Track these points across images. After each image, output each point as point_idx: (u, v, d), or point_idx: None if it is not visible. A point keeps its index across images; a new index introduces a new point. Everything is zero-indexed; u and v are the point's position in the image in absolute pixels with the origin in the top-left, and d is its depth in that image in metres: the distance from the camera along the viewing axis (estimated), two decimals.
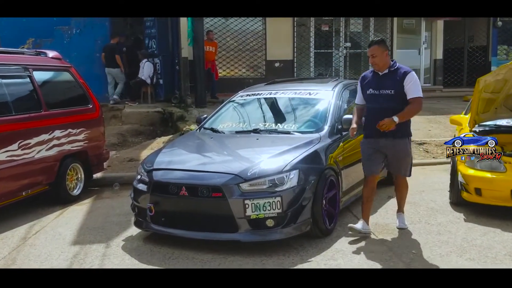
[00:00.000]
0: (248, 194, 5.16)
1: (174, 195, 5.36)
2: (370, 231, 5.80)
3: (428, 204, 7.00)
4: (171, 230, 5.48)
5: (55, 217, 6.89)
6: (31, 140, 6.87)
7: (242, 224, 5.17)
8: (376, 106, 5.63)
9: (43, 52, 8.00)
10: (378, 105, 5.61)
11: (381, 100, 5.60)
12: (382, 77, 5.64)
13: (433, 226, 6.10)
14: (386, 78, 5.62)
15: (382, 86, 5.62)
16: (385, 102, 5.57)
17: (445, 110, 14.29)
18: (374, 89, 5.67)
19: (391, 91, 5.56)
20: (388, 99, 5.57)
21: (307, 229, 5.40)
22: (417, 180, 8.41)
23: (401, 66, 5.68)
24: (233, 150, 6.10)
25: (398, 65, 5.65)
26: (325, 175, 5.64)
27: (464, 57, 18.44)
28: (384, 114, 5.45)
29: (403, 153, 5.74)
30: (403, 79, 5.52)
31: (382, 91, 5.60)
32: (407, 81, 5.51)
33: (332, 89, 6.82)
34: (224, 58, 15.88)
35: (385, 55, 5.57)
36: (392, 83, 5.57)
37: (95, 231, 6.23)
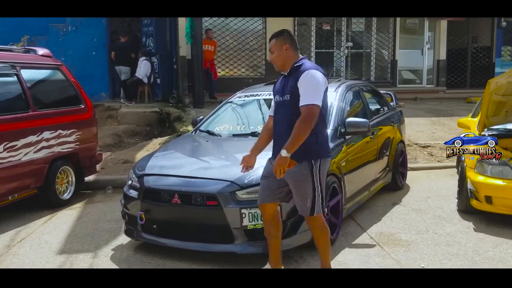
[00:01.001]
0: (245, 202, 4.81)
1: (166, 202, 5.01)
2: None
3: (435, 212, 6.66)
4: (163, 240, 5.13)
5: (43, 222, 6.55)
6: (18, 142, 6.53)
7: (238, 234, 4.82)
8: (276, 118, 4.43)
9: (33, 49, 7.67)
10: (277, 117, 4.40)
11: (282, 109, 4.35)
12: (285, 78, 4.40)
13: (441, 236, 5.76)
14: (288, 80, 4.34)
15: (283, 90, 4.34)
16: (282, 112, 4.34)
17: (449, 112, 14.01)
18: (279, 96, 4.40)
19: (287, 97, 4.29)
20: (285, 108, 4.30)
21: (308, 240, 5.05)
22: (422, 185, 8.12)
23: (306, 62, 4.33)
24: (230, 154, 5.74)
25: (302, 62, 4.32)
26: (327, 182, 5.28)
27: (468, 57, 18.11)
28: (281, 129, 4.32)
29: (299, 183, 4.27)
30: (298, 79, 4.22)
31: (284, 97, 4.33)
32: (301, 82, 4.18)
33: (335, 90, 6.47)
34: (223, 57, 15.54)
35: (285, 49, 4.31)
36: (290, 86, 4.29)
37: (84, 239, 5.89)
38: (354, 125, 5.95)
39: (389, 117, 7.73)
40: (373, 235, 5.80)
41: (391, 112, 7.95)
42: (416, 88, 17.02)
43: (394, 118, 7.91)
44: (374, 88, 8.17)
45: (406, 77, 17.53)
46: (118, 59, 14.21)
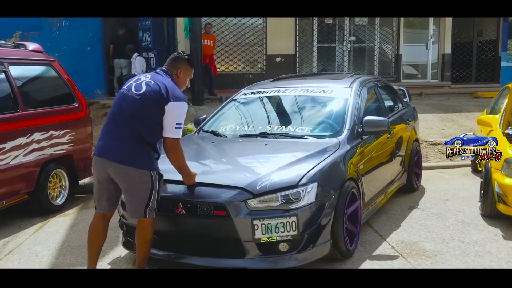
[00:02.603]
0: (257, 212, 4.29)
1: (169, 212, 4.49)
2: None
3: (456, 216, 6.18)
4: (164, 254, 4.61)
5: (34, 231, 6.06)
6: (6, 144, 6.00)
7: (250, 248, 4.30)
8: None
9: (23, 44, 7.13)
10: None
11: None
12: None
13: (469, 245, 5.27)
14: None
15: None
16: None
17: (457, 107, 13.57)
18: None
19: None
20: None
21: (326, 253, 4.56)
22: (437, 186, 7.65)
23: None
24: (238, 158, 5.22)
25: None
26: (346, 188, 4.80)
27: (473, 51, 17.63)
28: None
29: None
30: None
31: None
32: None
33: (349, 86, 5.97)
34: (223, 52, 15.01)
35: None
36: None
37: (78, 250, 5.39)
38: (372, 124, 5.46)
39: (404, 114, 7.25)
40: (394, 244, 5.31)
41: (405, 108, 7.47)
42: (421, 83, 16.57)
43: (408, 115, 7.43)
44: (388, 83, 7.68)
45: (410, 72, 17.09)
46: (118, 51, 13.88)
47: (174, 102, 4.19)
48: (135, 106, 4.23)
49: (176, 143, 4.29)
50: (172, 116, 4.20)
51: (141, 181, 4.21)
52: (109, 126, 4.35)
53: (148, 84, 4.26)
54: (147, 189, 4.22)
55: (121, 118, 4.27)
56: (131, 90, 4.30)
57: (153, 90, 4.21)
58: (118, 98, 4.39)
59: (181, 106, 4.24)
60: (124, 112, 4.26)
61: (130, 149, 4.18)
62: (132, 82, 4.39)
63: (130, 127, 4.21)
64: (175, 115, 4.21)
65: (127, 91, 4.32)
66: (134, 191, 4.25)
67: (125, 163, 4.17)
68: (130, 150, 4.18)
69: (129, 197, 4.30)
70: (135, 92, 4.26)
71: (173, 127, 4.22)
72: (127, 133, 4.21)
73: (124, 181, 4.25)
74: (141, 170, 4.19)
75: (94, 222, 4.47)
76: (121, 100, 4.33)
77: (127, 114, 4.24)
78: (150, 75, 4.39)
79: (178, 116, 4.23)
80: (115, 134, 4.27)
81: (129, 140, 4.19)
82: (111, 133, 4.31)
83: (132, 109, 4.23)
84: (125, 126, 4.23)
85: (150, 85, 4.25)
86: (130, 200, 4.31)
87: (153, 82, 4.28)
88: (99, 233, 4.45)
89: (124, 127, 4.23)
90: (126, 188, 4.28)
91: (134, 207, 4.29)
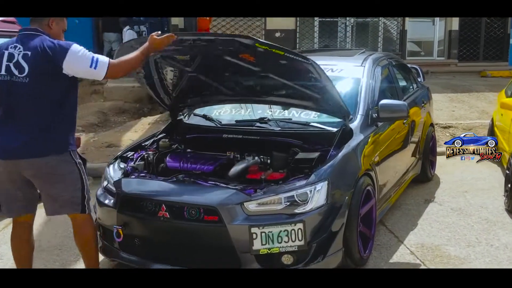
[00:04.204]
0: (256, 218, 3.58)
1: (150, 215, 3.77)
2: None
3: (479, 213, 5.49)
4: (146, 263, 3.88)
5: (0, 229, 5.35)
6: None
7: (247, 261, 3.60)
8: None
9: None
10: None
11: None
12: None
13: (498, 249, 4.59)
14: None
15: None
16: None
17: (466, 87, 12.85)
18: None
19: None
20: None
21: (337, 264, 3.86)
22: (453, 175, 6.94)
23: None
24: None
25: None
26: (360, 185, 4.08)
27: (482, 28, 16.84)
28: None
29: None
30: None
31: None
32: None
33: (361, 65, 5.21)
34: (219, 26, 14.23)
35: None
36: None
37: (49, 253, 4.71)
38: (390, 109, 4.71)
39: (419, 96, 6.52)
40: (413, 248, 4.62)
41: (420, 90, 6.74)
42: (426, 61, 15.83)
43: (424, 97, 6.69)
44: (402, 61, 6.93)
45: (415, 49, 16.36)
46: (107, 23, 13.28)
47: (68, 54, 3.43)
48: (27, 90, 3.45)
49: (111, 69, 3.50)
50: (79, 64, 3.46)
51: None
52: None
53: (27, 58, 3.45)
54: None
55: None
56: (14, 74, 3.46)
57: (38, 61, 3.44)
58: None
59: (75, 51, 3.45)
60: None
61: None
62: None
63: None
64: (80, 62, 3.45)
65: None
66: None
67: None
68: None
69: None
70: (19, 75, 3.45)
71: (91, 70, 3.46)
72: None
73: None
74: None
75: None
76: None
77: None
78: (20, 44, 3.50)
79: (83, 59, 3.46)
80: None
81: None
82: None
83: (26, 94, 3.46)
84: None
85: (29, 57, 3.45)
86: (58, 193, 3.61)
87: (30, 53, 3.45)
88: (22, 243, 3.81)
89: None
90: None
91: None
